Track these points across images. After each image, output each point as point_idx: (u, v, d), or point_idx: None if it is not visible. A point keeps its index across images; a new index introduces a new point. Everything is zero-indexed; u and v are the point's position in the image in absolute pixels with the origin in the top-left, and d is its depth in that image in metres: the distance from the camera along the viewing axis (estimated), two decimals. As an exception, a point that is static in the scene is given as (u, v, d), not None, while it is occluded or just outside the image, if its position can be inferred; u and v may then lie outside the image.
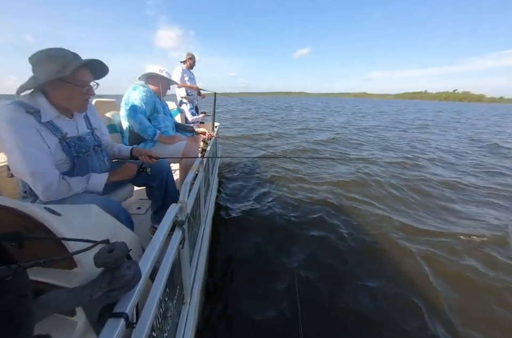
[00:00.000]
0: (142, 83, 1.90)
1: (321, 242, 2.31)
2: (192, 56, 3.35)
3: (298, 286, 1.72)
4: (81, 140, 1.06)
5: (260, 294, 1.71)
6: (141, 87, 1.83)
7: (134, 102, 1.76)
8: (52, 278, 0.56)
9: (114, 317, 0.39)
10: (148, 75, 1.91)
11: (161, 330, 0.59)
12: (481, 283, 1.88)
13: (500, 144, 7.67)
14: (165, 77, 1.91)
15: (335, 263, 2.03)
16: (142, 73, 1.91)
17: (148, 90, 1.84)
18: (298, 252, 2.14)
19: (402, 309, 1.61)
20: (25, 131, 0.86)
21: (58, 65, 0.88)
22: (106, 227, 0.68)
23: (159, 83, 1.91)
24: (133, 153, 1.34)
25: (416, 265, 2.03)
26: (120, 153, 1.35)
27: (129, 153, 1.35)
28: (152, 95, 1.86)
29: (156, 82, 1.92)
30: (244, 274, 1.90)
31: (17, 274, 0.31)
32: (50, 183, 0.91)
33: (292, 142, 7.31)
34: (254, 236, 2.39)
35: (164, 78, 1.92)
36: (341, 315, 1.55)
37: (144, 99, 1.78)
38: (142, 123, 1.76)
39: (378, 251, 2.21)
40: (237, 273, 1.91)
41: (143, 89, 1.81)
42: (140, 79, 1.96)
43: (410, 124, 13.66)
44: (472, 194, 3.64)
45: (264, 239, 2.36)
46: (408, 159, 5.54)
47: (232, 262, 2.04)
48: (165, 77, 1.91)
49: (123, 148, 1.37)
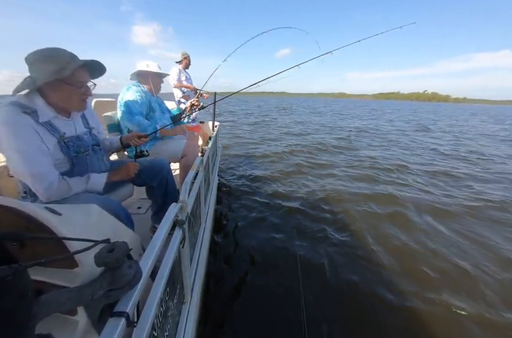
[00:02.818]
0: (135, 82, 1.85)
1: (325, 242, 2.31)
2: (187, 56, 3.37)
3: (304, 285, 1.72)
4: (80, 140, 1.06)
5: (261, 293, 1.71)
6: (133, 87, 1.78)
7: (129, 104, 1.72)
8: (53, 277, 0.57)
9: (115, 316, 0.40)
10: (137, 73, 1.85)
11: (161, 329, 0.59)
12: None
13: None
14: (154, 72, 1.84)
15: (340, 264, 2.04)
16: (132, 72, 1.85)
17: (141, 89, 1.80)
18: (302, 252, 2.14)
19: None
20: (23, 133, 0.86)
21: (56, 65, 0.87)
22: (106, 226, 0.68)
23: (150, 80, 1.85)
24: (123, 142, 1.34)
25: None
26: (112, 145, 1.35)
27: (120, 143, 1.34)
28: (146, 94, 1.81)
29: (146, 79, 1.85)
30: (245, 273, 1.90)
31: (18, 274, 0.31)
32: (51, 183, 0.91)
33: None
34: (255, 236, 2.39)
35: (153, 74, 1.85)
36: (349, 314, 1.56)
37: (139, 100, 1.74)
38: (141, 125, 1.74)
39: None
40: (238, 272, 1.92)
41: (136, 89, 1.77)
42: (131, 79, 1.91)
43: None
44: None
45: (266, 237, 2.36)
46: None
47: (233, 261, 2.04)
48: (154, 72, 1.84)
49: (113, 140, 1.36)
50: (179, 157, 1.87)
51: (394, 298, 1.68)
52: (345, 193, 3.47)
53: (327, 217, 2.78)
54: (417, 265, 2.03)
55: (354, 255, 2.13)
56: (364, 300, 1.67)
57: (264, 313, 1.56)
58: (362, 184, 3.87)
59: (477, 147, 7.43)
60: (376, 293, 1.72)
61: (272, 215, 2.79)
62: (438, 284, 1.84)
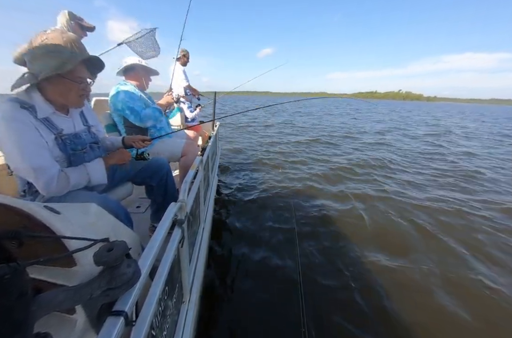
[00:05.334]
0: (121, 81, 1.80)
1: (326, 240, 2.31)
2: (186, 53, 3.19)
3: (303, 283, 1.71)
4: (77, 137, 1.05)
5: (260, 292, 1.71)
6: (121, 86, 1.72)
7: (130, 106, 1.67)
8: (51, 276, 0.56)
9: (113, 315, 0.39)
10: (126, 68, 1.79)
11: (160, 329, 0.59)
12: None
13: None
14: (145, 68, 1.80)
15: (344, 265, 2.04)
16: (119, 68, 1.80)
17: (132, 87, 1.76)
18: (301, 251, 2.14)
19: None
20: (22, 127, 0.85)
21: (57, 61, 0.87)
22: (105, 225, 0.68)
23: (140, 75, 1.81)
24: (126, 142, 1.32)
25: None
26: (113, 145, 1.33)
27: (122, 143, 1.33)
28: (137, 91, 1.78)
29: (136, 75, 1.80)
30: (244, 273, 1.90)
31: (17, 273, 0.31)
32: (53, 176, 0.91)
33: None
34: (255, 235, 2.39)
35: (144, 69, 1.81)
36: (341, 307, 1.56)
37: (134, 97, 1.71)
38: (152, 116, 1.72)
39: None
40: (237, 271, 1.92)
41: (127, 88, 1.72)
42: (118, 75, 1.86)
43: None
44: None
45: (265, 237, 2.36)
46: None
47: (232, 260, 2.04)
48: (146, 67, 1.80)
49: (114, 140, 1.34)
50: (179, 156, 1.87)
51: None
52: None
53: (316, 215, 2.78)
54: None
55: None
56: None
57: (264, 313, 1.56)
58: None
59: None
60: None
61: (277, 215, 2.79)
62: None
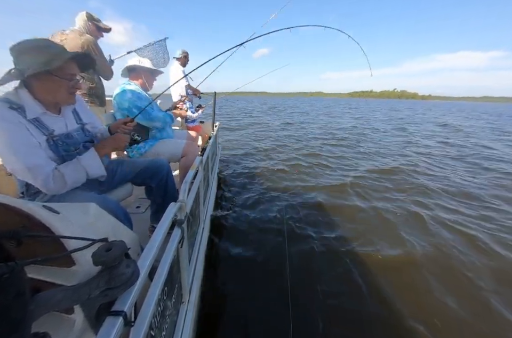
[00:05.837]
0: (125, 81, 1.80)
1: (325, 243, 2.31)
2: (187, 54, 3.31)
3: (291, 284, 1.72)
4: (69, 137, 1.03)
5: (259, 293, 1.71)
6: (126, 86, 1.72)
7: (138, 105, 1.65)
8: (50, 276, 0.56)
9: (112, 315, 0.39)
10: (128, 69, 1.79)
11: (159, 329, 0.59)
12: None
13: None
14: (147, 68, 1.80)
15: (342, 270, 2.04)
16: (123, 68, 1.80)
17: (136, 87, 1.75)
18: (299, 252, 2.14)
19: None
20: (12, 127, 0.83)
21: (45, 57, 0.84)
22: (105, 225, 0.68)
23: (142, 76, 1.80)
24: (112, 130, 1.30)
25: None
26: (103, 136, 1.30)
27: (109, 132, 1.31)
28: (141, 91, 1.77)
29: (138, 75, 1.80)
30: (243, 274, 1.90)
31: (15, 272, 0.31)
32: (49, 173, 0.89)
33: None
34: (254, 236, 2.39)
35: (146, 69, 1.80)
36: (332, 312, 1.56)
37: (142, 97, 1.71)
38: (161, 117, 1.75)
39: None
40: (236, 272, 1.91)
41: (132, 88, 1.72)
42: (122, 76, 1.86)
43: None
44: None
45: (264, 238, 2.36)
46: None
47: (231, 261, 2.04)
48: (148, 68, 1.80)
49: (103, 130, 1.32)
50: (179, 156, 1.87)
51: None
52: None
53: (315, 217, 2.79)
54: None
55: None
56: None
57: (263, 313, 1.55)
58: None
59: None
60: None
61: (276, 215, 2.78)
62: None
